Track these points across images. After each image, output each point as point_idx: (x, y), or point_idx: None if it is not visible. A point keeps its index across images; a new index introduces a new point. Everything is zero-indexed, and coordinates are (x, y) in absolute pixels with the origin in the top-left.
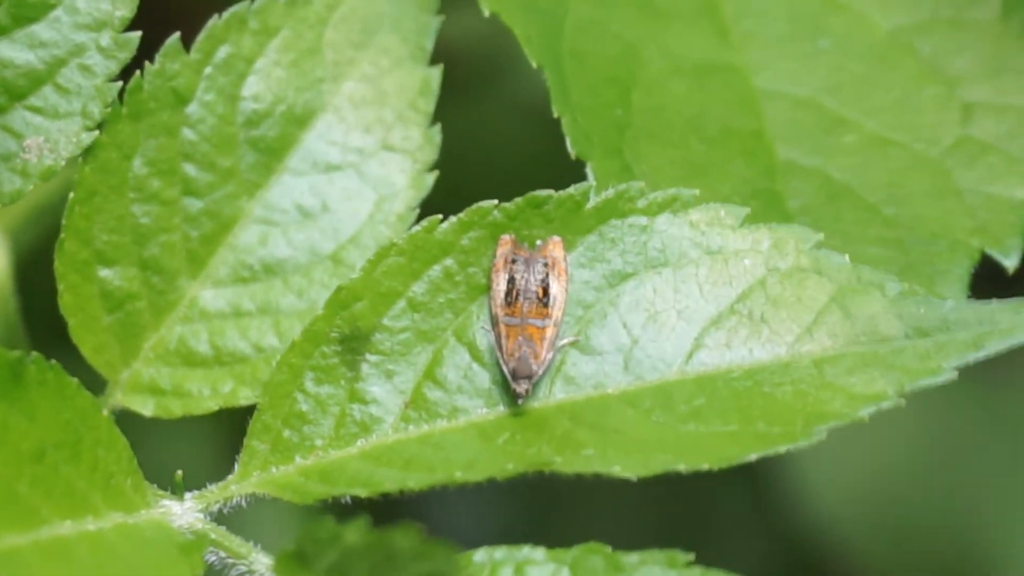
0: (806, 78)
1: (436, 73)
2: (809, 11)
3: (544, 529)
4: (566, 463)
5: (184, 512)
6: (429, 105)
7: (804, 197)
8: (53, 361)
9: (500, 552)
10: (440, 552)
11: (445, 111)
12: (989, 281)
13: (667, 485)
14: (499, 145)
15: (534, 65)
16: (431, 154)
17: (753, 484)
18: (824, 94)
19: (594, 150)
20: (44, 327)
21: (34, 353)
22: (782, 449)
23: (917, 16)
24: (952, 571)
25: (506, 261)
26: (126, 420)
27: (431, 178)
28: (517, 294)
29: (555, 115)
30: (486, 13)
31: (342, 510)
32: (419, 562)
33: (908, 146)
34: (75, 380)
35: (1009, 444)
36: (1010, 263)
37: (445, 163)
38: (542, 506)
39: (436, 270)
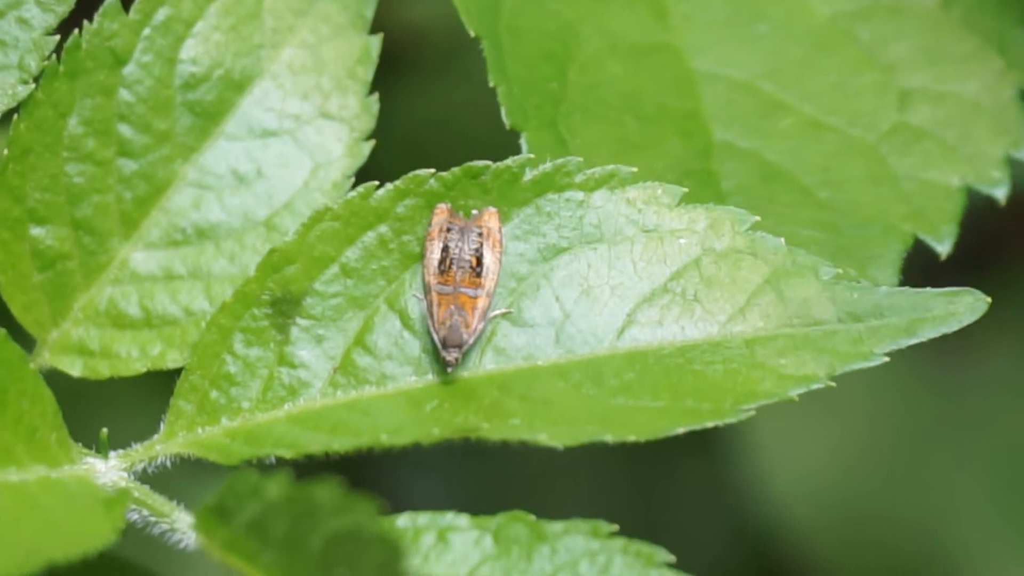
0: (744, 61)
1: (376, 42)
2: None
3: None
4: (493, 430)
5: (108, 470)
6: (368, 74)
7: (738, 178)
8: (4, 297)
9: (424, 518)
10: (361, 506)
11: (404, 90)
12: (922, 271)
13: (628, 476)
14: (460, 120)
15: (471, 34)
16: (368, 123)
17: (711, 476)
18: (762, 78)
19: (529, 122)
20: None
21: None
22: (710, 424)
23: (857, 3)
24: (909, 563)
25: (440, 229)
26: (58, 380)
27: (368, 147)
28: (450, 263)
29: (491, 84)
30: None
31: (264, 470)
32: (339, 516)
33: (844, 131)
34: (2, 331)
35: (968, 436)
36: (943, 249)
37: (407, 137)
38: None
39: (370, 236)
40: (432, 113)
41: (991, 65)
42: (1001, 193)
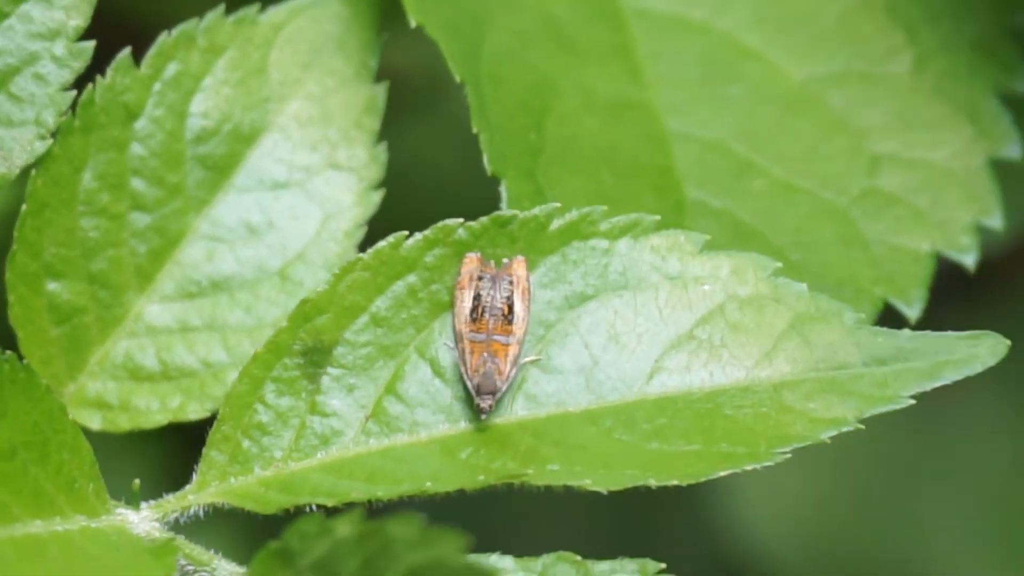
0: (716, 122)
1: (381, 91)
2: (722, 58)
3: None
4: (535, 476)
5: (140, 521)
6: (375, 123)
7: (712, 236)
8: (25, 361)
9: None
10: (444, 539)
11: (391, 130)
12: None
13: (608, 510)
14: (443, 162)
15: (457, 79)
16: (377, 172)
17: (693, 511)
18: (734, 139)
19: (509, 170)
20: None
21: (8, 351)
22: (748, 467)
23: (830, 68)
24: None
25: (472, 278)
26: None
27: (377, 196)
28: (483, 311)
29: (474, 131)
30: (412, 24)
31: None
32: (419, 550)
33: (816, 193)
34: (44, 383)
35: (948, 473)
36: (912, 313)
37: (390, 179)
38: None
39: (400, 286)
40: (412, 155)
41: (962, 132)
42: (970, 260)
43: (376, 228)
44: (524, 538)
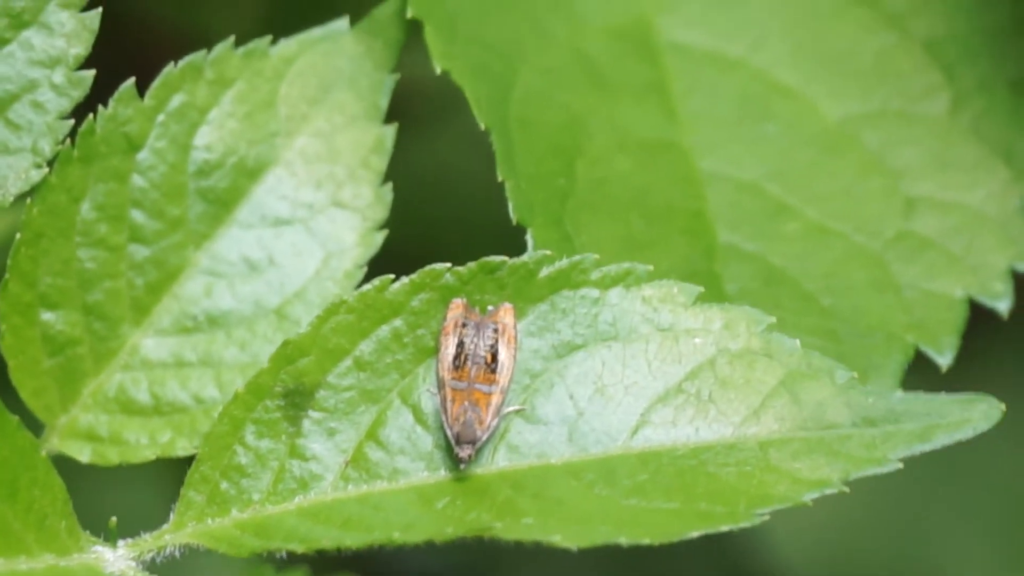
0: (751, 162)
1: (390, 132)
2: (757, 96)
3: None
4: (505, 530)
5: (116, 559)
6: (382, 163)
7: (742, 281)
8: (14, 383)
9: None
10: None
11: (402, 143)
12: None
13: None
14: (453, 176)
15: (482, 127)
16: (381, 212)
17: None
18: (768, 180)
19: (535, 218)
20: None
21: None
22: (724, 528)
23: (866, 107)
24: None
25: (456, 324)
26: (65, 464)
27: (380, 236)
28: (465, 358)
29: (500, 179)
30: (438, 71)
31: (279, 564)
32: None
33: (849, 237)
34: (16, 418)
35: (965, 492)
36: (943, 361)
37: (400, 192)
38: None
39: (384, 330)
40: (423, 167)
41: (998, 175)
42: (1003, 306)
43: (388, 242)
44: (538, 559)
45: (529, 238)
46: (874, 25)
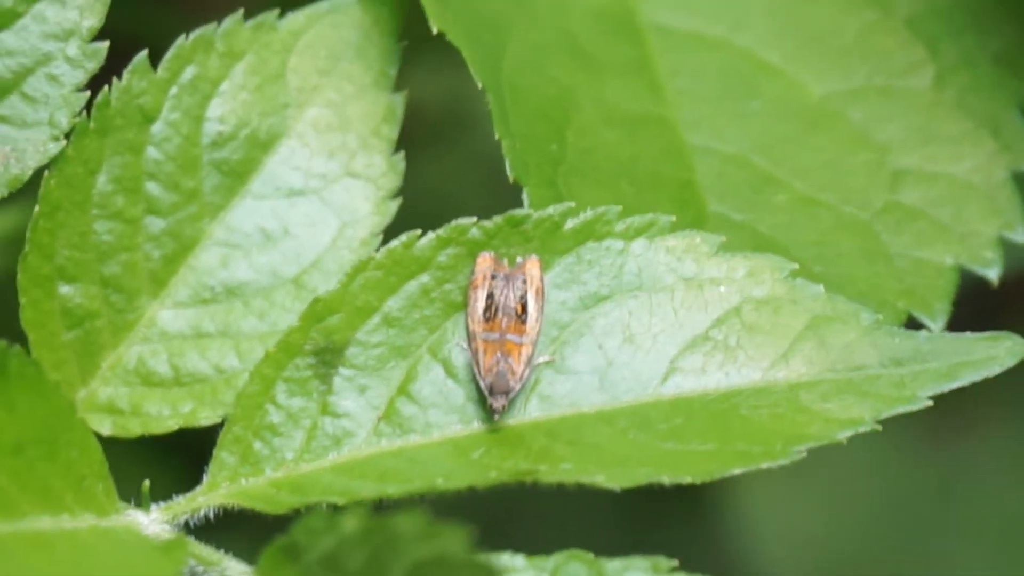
0: (737, 136)
1: (400, 100)
2: (741, 73)
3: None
4: (548, 473)
5: (150, 523)
6: (393, 132)
7: (733, 249)
8: (33, 356)
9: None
10: (448, 534)
11: (410, 165)
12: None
13: (618, 528)
14: (460, 197)
15: (479, 85)
16: (394, 181)
17: (701, 534)
18: (754, 153)
19: (530, 177)
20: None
21: (16, 346)
22: (764, 466)
23: (849, 83)
24: None
25: (485, 277)
26: None
27: (395, 205)
28: (496, 310)
29: (496, 137)
30: (435, 30)
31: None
32: (424, 544)
33: (837, 208)
34: (54, 380)
35: (961, 510)
36: (936, 326)
37: (408, 213)
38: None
39: (412, 285)
40: (428, 190)
41: (984, 146)
42: (993, 273)
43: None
44: (537, 538)
45: (525, 196)
46: (855, 4)
